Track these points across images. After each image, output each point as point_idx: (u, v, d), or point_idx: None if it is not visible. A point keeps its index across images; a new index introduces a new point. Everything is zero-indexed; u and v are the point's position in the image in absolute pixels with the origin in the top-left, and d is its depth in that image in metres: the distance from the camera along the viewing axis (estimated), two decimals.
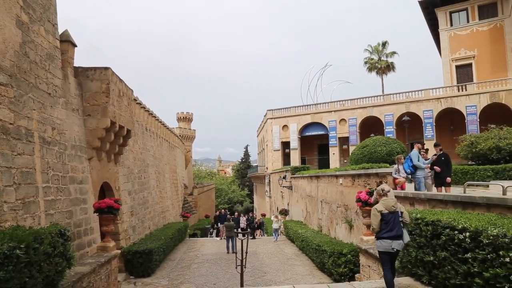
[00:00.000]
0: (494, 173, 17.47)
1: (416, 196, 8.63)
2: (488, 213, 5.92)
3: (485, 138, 19.13)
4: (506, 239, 4.20)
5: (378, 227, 6.27)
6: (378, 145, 17.03)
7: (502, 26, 33.71)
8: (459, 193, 7.79)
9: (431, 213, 6.15)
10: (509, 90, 29.41)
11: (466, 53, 34.99)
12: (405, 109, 33.31)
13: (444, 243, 5.39)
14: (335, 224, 16.69)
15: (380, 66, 44.35)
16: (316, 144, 41.79)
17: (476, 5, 35.07)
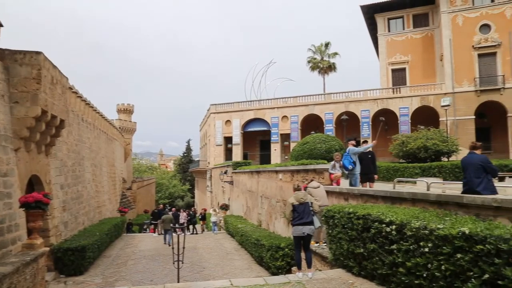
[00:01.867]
0: (422, 171, 18.76)
1: (350, 191, 9.02)
2: (413, 207, 6.32)
3: (414, 138, 20.39)
4: (426, 231, 4.51)
5: (291, 216, 7.45)
6: (318, 142, 17.59)
7: (432, 35, 36.20)
8: (389, 188, 8.26)
9: (363, 208, 6.45)
10: (437, 95, 31.61)
11: (401, 58, 37.11)
12: (345, 108, 34.61)
13: (373, 236, 5.68)
14: (274, 219, 17.00)
15: (322, 66, 45.64)
16: (259, 139, 42.21)
17: (411, 14, 37.33)
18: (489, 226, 4.13)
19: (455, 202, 5.49)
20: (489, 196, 5.03)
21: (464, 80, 31.49)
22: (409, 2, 36.73)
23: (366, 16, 39.11)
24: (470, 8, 32.15)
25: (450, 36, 32.16)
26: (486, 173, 5.90)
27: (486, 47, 31.36)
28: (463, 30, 31.92)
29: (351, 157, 10.13)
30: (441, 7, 32.91)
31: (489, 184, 5.87)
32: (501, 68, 30.81)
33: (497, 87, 30.58)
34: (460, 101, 31.16)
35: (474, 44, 31.54)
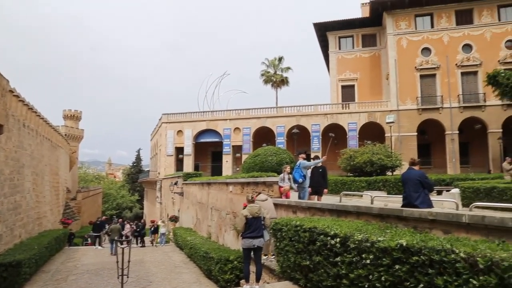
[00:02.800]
0: (368, 184, 19.50)
1: (298, 204, 9.19)
2: (358, 220, 6.56)
3: (361, 152, 21.18)
4: (368, 243, 4.70)
5: (243, 229, 7.45)
6: (269, 155, 17.82)
7: (380, 55, 38.11)
8: (336, 202, 8.52)
9: (309, 221, 6.60)
10: (383, 111, 33.18)
11: (350, 75, 38.65)
12: (296, 122, 35.36)
13: (319, 248, 5.82)
14: (224, 231, 16.91)
15: (275, 79, 46.44)
16: (210, 151, 42.00)
17: (360, 34, 39.12)
18: (424, 238, 4.38)
19: (395, 215, 5.78)
20: (425, 210, 5.34)
21: (408, 98, 33.34)
22: (359, 22, 38.57)
23: (318, 33, 40.43)
24: (413, 32, 34.27)
25: (395, 57, 34.03)
26: (423, 188, 6.27)
27: (427, 68, 33.49)
28: (407, 52, 33.91)
29: (301, 170, 10.35)
30: (388, 29, 34.83)
31: (426, 198, 6.23)
32: (440, 89, 32.99)
33: (436, 107, 32.66)
34: (404, 118, 32.90)
35: (416, 65, 33.57)
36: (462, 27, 33.50)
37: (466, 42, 33.25)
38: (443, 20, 33.96)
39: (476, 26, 33.27)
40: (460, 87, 32.85)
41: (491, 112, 31.68)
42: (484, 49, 32.73)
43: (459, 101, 32.50)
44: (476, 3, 33.32)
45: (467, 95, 32.68)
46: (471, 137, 33.19)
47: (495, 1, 33.05)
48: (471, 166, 32.89)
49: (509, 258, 3.28)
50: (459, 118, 32.30)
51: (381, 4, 34.59)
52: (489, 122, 31.65)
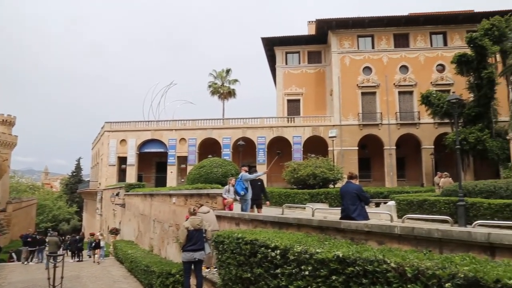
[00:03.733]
0: (310, 197, 20.00)
1: (241, 216, 9.21)
2: (298, 232, 6.68)
3: (305, 165, 21.72)
4: (307, 255, 4.80)
5: (184, 241, 7.34)
6: (215, 166, 17.76)
7: (324, 71, 39.53)
8: (278, 214, 8.64)
9: (251, 233, 6.63)
10: (326, 126, 34.33)
11: (296, 90, 39.64)
12: (242, 134, 35.56)
13: (260, 261, 5.85)
14: (166, 244, 16.50)
15: (223, 91, 46.54)
16: (155, 161, 41.03)
17: (306, 51, 40.40)
18: (359, 249, 4.55)
19: (334, 227, 5.96)
20: (361, 222, 5.58)
21: (350, 114, 34.79)
22: (305, 39, 39.88)
23: (266, 48, 41.20)
24: (355, 51, 36.00)
25: (339, 74, 35.49)
26: (360, 201, 6.55)
27: (368, 86, 35.25)
28: (350, 70, 35.51)
29: (243, 183, 10.39)
30: (332, 48, 36.33)
31: (363, 211, 6.51)
32: (380, 106, 34.81)
33: (376, 123, 34.38)
34: (346, 133, 34.25)
35: (358, 83, 35.23)
36: (400, 49, 35.75)
37: (403, 63, 35.49)
38: (383, 42, 36.04)
39: (412, 50, 35.67)
40: (397, 105, 34.91)
41: (425, 129, 33.89)
42: (418, 71, 35.10)
43: (397, 118, 34.48)
44: (412, 29, 35.76)
45: (404, 113, 34.75)
46: (407, 152, 35.23)
47: (428, 28, 35.71)
48: (407, 180, 34.87)
49: (433, 267, 3.50)
50: (397, 134, 34.22)
51: (326, 23, 36.04)
52: (423, 138, 33.83)
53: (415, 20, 35.71)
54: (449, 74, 33.88)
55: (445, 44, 35.77)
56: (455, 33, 35.42)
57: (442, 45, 35.84)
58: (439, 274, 3.43)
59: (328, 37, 37.50)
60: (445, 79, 34.68)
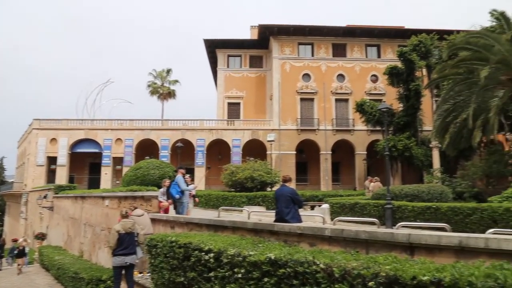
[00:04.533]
0: (248, 199, 20.15)
1: (176, 219, 9.05)
2: (233, 235, 6.70)
3: (243, 168, 21.86)
4: (240, 258, 4.82)
5: (115, 245, 7.11)
6: (152, 168, 17.31)
7: (265, 76, 40.12)
8: (214, 217, 8.61)
9: (185, 236, 6.54)
10: (265, 130, 34.84)
11: (237, 93, 39.80)
12: (181, 136, 35.02)
13: (193, 264, 5.78)
14: (98, 249, 15.77)
15: (162, 91, 45.61)
16: (88, 162, 39.08)
17: (248, 54, 40.74)
18: (291, 251, 4.66)
19: (268, 230, 6.05)
20: (294, 224, 5.71)
21: (289, 119, 35.60)
22: (247, 43, 40.23)
23: (208, 49, 40.97)
24: (296, 58, 36.98)
25: (279, 80, 36.21)
26: (294, 204, 6.71)
27: (306, 93, 36.33)
28: (290, 76, 36.38)
29: (178, 186, 10.22)
30: (273, 53, 37.02)
31: (296, 214, 6.67)
32: (317, 112, 36.00)
33: (313, 128, 35.51)
34: (285, 138, 34.98)
35: (297, 89, 36.20)
36: (337, 59, 37.29)
37: (340, 72, 37.05)
38: (322, 51, 37.37)
39: (349, 60, 37.36)
40: (334, 112, 36.33)
41: (358, 136, 35.59)
42: (354, 80, 36.83)
43: (333, 125, 35.85)
44: (349, 40, 37.48)
45: (340, 120, 36.24)
46: (342, 157, 36.72)
47: (364, 40, 37.62)
48: (341, 184, 36.38)
49: (359, 267, 3.66)
50: (332, 139, 35.58)
51: (268, 29, 36.64)
52: (357, 144, 35.48)
53: (352, 31, 37.46)
54: (382, 85, 35.89)
55: (379, 56, 37.89)
56: (388, 47, 37.65)
57: (376, 57, 37.91)
58: (363, 273, 3.60)
59: (269, 43, 38.13)
60: (378, 89, 36.69)
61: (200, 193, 23.56)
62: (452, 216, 11.35)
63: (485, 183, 19.03)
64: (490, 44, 15.34)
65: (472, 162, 19.33)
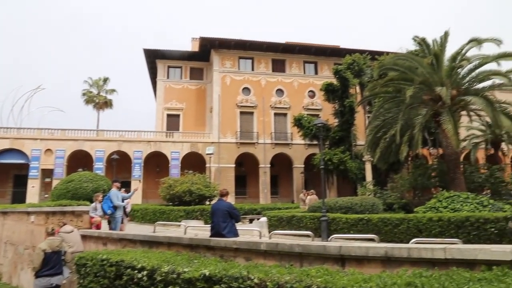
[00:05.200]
0: (186, 213, 19.78)
1: (109, 235, 8.66)
2: (169, 251, 6.54)
3: (181, 182, 21.49)
4: (174, 275, 4.72)
5: (39, 266, 6.63)
6: (85, 181, 16.48)
7: (205, 88, 40.03)
8: (149, 232, 8.35)
9: (117, 254, 6.27)
10: (205, 143, 34.59)
11: (176, 105, 39.24)
12: (118, 147, 33.70)
13: (126, 283, 5.55)
14: (20, 269, 14.56)
15: (98, 101, 43.84)
16: (13, 174, 36.20)
17: (189, 66, 40.47)
18: (227, 266, 4.64)
19: (204, 245, 5.99)
20: (230, 239, 5.71)
21: (228, 132, 35.70)
22: (188, 55, 39.96)
23: (148, 59, 40.12)
24: (236, 72, 37.36)
25: (219, 92, 36.30)
26: (231, 218, 6.71)
27: (246, 106, 36.74)
28: (230, 89, 36.62)
29: (111, 201, 9.79)
30: (214, 66, 37.12)
31: (233, 228, 6.67)
32: (257, 125, 36.50)
33: (253, 141, 35.90)
34: (224, 151, 34.97)
35: (237, 102, 36.50)
36: (277, 74, 38.22)
37: (279, 87, 37.97)
38: (262, 65, 38.13)
39: (288, 75, 38.45)
40: (273, 125, 37.03)
41: (296, 149, 36.53)
42: (292, 95, 37.91)
43: (272, 138, 36.49)
44: (288, 56, 38.64)
45: (278, 133, 36.97)
46: (280, 170, 37.41)
47: (302, 57, 39.00)
48: (280, 197, 37.00)
49: (292, 280, 3.74)
50: (271, 153, 36.17)
51: (209, 41, 36.72)
52: (295, 158, 36.36)
53: (291, 48, 38.66)
54: (319, 100, 37.27)
55: (316, 73, 39.40)
56: (324, 64, 39.30)
57: (313, 74, 39.39)
58: (296, 287, 3.68)
59: (211, 55, 38.21)
60: (315, 104, 38.04)
61: (137, 207, 22.76)
62: (383, 227, 11.95)
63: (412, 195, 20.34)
64: (414, 66, 16.58)
65: (401, 175, 20.57)
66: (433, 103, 15.93)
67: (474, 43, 16.34)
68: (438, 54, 16.56)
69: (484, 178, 17.75)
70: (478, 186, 17.43)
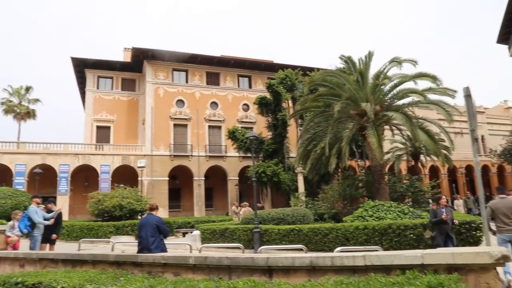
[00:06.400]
0: (116, 229, 18.96)
1: (27, 256, 8.03)
2: (94, 269, 6.23)
3: (111, 196, 20.63)
4: None
5: None
6: (3, 198, 15.33)
7: (138, 100, 38.93)
8: (74, 250, 7.89)
9: (35, 275, 5.85)
10: (137, 155, 33.50)
11: (107, 116, 37.69)
12: (42, 161, 31.54)
13: None
14: None
15: (20, 111, 40.77)
16: None
17: (120, 77, 39.10)
18: (154, 282, 4.53)
19: (131, 261, 5.79)
20: (158, 254, 5.58)
21: (162, 145, 34.95)
22: (120, 65, 38.68)
23: (76, 68, 38.21)
24: (170, 84, 36.85)
25: (152, 104, 35.51)
26: (160, 233, 6.57)
27: (180, 119, 36.30)
28: (164, 101, 35.98)
29: (27, 219, 9.08)
30: (147, 77, 36.29)
31: (161, 243, 6.54)
32: (191, 138, 36.16)
33: (187, 154, 35.46)
34: (157, 163, 34.13)
35: (171, 115, 35.93)
36: (211, 87, 38.29)
37: (213, 100, 38.04)
38: (197, 78, 38.00)
39: (222, 88, 38.68)
40: (207, 138, 36.91)
41: (231, 162, 36.66)
42: (227, 108, 38.16)
43: (206, 151, 36.32)
44: (223, 69, 38.93)
45: (213, 146, 36.91)
46: (215, 183, 37.26)
47: (236, 70, 39.51)
48: (214, 209, 36.79)
49: None
50: (206, 165, 35.96)
51: (142, 52, 35.90)
52: (229, 170, 36.45)
53: (226, 62, 39.00)
54: (253, 113, 37.85)
55: (250, 87, 40.05)
56: (258, 78, 40.12)
57: (247, 87, 40.00)
58: None
59: (143, 67, 37.33)
60: (249, 117, 38.59)
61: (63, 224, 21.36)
62: (313, 237, 12.35)
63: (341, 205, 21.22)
64: (342, 83, 17.49)
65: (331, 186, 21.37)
66: (359, 118, 16.85)
67: (395, 63, 17.63)
68: (363, 72, 17.63)
69: (405, 188, 19.02)
70: (401, 195, 18.59)
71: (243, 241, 13.60)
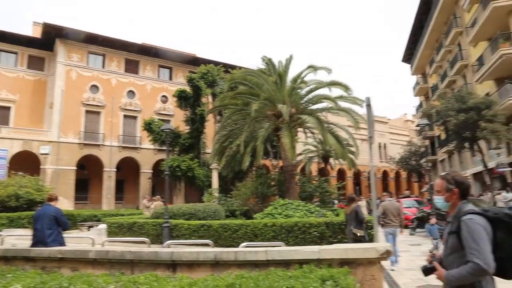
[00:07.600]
0: (10, 221, 17.36)
1: None
2: None
3: (5, 185, 18.88)
4: None
5: None
6: None
7: (46, 81, 35.69)
8: None
9: None
10: (41, 141, 30.87)
11: (7, 96, 34.01)
12: None
13: None
14: None
15: None
16: None
17: (27, 54, 35.34)
18: (47, 278, 4.24)
19: (23, 256, 5.35)
20: (55, 248, 5.24)
21: (71, 131, 32.65)
22: (27, 40, 35.05)
23: None
24: (84, 67, 34.55)
25: (62, 87, 32.99)
26: (58, 225, 6.16)
27: (93, 105, 34.25)
28: (76, 85, 33.62)
29: None
30: (59, 57, 33.58)
31: (59, 236, 6.13)
32: (103, 126, 34.30)
33: (98, 143, 33.58)
34: (64, 151, 31.81)
35: (83, 100, 33.74)
36: (129, 74, 36.69)
37: (131, 88, 36.50)
38: (114, 64, 36.12)
39: (141, 77, 37.27)
40: (121, 128, 35.31)
41: (145, 154, 35.53)
42: (144, 98, 36.88)
43: (119, 141, 34.75)
44: (143, 57, 37.53)
45: (127, 136, 35.44)
46: (127, 175, 35.81)
47: (157, 60, 38.34)
48: (125, 202, 35.36)
49: None
50: (118, 156, 34.39)
51: (55, 29, 33.10)
52: (143, 163, 35.30)
53: (147, 50, 37.63)
54: (171, 106, 37.09)
55: (170, 79, 39.14)
56: (179, 71, 39.36)
57: (168, 79, 39.04)
58: None
59: (55, 45, 34.42)
60: (168, 109, 37.73)
61: None
62: (223, 232, 12.48)
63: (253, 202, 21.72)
64: (261, 83, 17.92)
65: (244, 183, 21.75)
66: (275, 118, 17.41)
67: (311, 69, 18.51)
68: (282, 74, 18.25)
69: (314, 188, 20.06)
70: (309, 195, 19.57)
71: (152, 235, 13.29)
